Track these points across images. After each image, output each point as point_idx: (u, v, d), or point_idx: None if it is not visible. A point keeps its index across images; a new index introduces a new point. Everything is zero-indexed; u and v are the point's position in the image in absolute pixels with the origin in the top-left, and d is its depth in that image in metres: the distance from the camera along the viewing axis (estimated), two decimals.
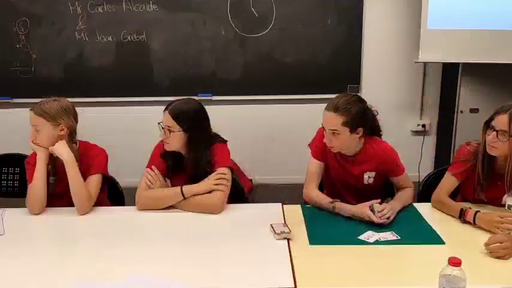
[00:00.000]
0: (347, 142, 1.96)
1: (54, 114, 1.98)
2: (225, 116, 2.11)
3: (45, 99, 2.03)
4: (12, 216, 1.95)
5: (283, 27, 4.00)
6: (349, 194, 2.14)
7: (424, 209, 1.97)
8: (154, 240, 1.75)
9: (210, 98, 4.00)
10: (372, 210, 1.79)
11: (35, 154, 2.05)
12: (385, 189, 2.21)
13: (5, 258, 1.61)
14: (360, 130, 1.94)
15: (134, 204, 2.04)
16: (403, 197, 2.02)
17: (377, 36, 4.08)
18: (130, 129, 4.13)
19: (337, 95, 2.04)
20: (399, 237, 1.68)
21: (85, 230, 1.90)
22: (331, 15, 3.99)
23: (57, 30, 3.98)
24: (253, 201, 2.28)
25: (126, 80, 4.07)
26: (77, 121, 2.06)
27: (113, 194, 2.31)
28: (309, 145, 2.17)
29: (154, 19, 3.98)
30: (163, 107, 2.06)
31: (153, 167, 2.05)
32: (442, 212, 1.91)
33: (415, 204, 2.02)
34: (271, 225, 1.74)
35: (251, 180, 2.66)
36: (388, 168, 2.07)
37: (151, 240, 1.75)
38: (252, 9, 3.96)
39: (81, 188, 1.95)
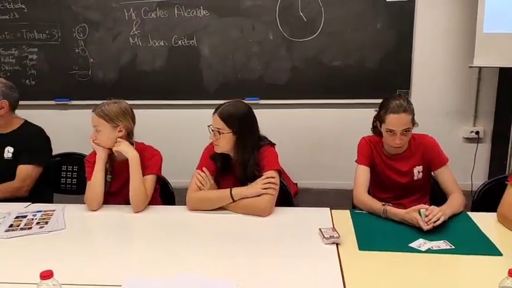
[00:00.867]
0: (409, 138, 2.08)
1: (114, 116, 2.07)
2: (272, 120, 2.13)
3: (106, 101, 2.13)
4: (72, 212, 2.05)
5: (331, 31, 3.99)
6: (395, 195, 2.17)
7: (478, 218, 1.90)
8: (204, 239, 1.79)
9: (257, 101, 4.05)
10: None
11: (94, 153, 2.15)
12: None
13: (66, 251, 1.70)
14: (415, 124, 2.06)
15: (184, 204, 2.10)
16: (453, 203, 1.97)
17: (429, 39, 3.98)
18: (180, 131, 4.26)
19: (387, 97, 2.11)
20: (453, 247, 1.63)
21: (139, 227, 1.97)
22: (381, 18, 3.93)
23: (113, 36, 4.17)
24: (297, 205, 2.29)
25: (176, 84, 4.19)
26: (134, 123, 2.15)
27: (164, 194, 2.39)
28: (356, 161, 2.17)
29: (204, 24, 4.08)
30: (212, 110, 2.11)
31: (203, 168, 2.10)
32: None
33: (470, 214, 1.96)
34: (319, 229, 1.74)
35: (296, 184, 2.67)
36: (432, 157, 2.12)
37: (201, 240, 1.78)
38: (301, 13, 3.98)
39: (141, 186, 2.04)
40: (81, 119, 4.22)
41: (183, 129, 4.24)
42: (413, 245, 1.65)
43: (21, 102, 2.47)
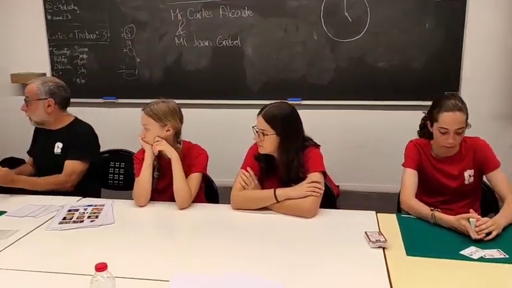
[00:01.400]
0: (462, 139, 2.03)
1: (162, 116, 2.12)
2: (313, 121, 2.12)
3: (155, 100, 2.18)
4: (120, 207, 2.12)
5: (377, 31, 3.92)
6: (444, 199, 2.11)
7: None
8: (247, 238, 1.80)
9: (299, 102, 4.04)
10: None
11: (142, 150, 2.21)
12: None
13: (116, 245, 1.76)
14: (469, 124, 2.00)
15: (228, 203, 2.12)
16: (509, 212, 1.89)
17: (480, 40, 3.84)
18: (223, 130, 4.31)
19: (439, 97, 2.06)
20: (507, 256, 1.57)
21: (184, 224, 2.01)
22: (429, 18, 3.83)
23: (159, 36, 4.27)
24: (338, 208, 2.26)
25: (220, 84, 4.24)
26: (182, 122, 2.20)
27: (208, 192, 2.42)
28: (403, 164, 2.13)
29: (248, 24, 4.11)
30: (255, 110, 2.11)
31: (248, 168, 2.12)
32: None
33: None
34: (365, 232, 1.72)
35: (337, 186, 2.64)
36: (485, 160, 2.05)
37: (244, 239, 1.79)
38: (346, 13, 3.93)
39: (184, 184, 2.08)
40: (128, 117, 4.39)
41: (226, 128, 4.29)
42: (465, 252, 1.60)
43: (71, 100, 2.56)
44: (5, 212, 2.05)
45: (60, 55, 4.45)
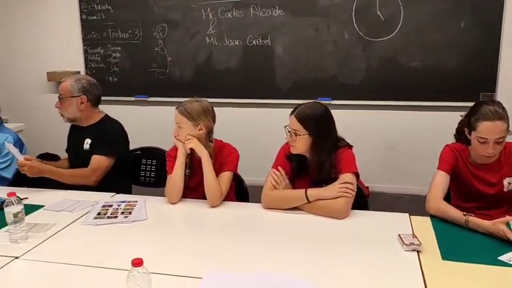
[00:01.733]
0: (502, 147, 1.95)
1: (195, 114, 2.14)
2: (344, 121, 2.10)
3: (189, 99, 2.20)
4: (153, 204, 2.15)
5: (410, 30, 3.85)
6: (480, 205, 2.04)
7: None
8: (278, 238, 1.79)
9: (329, 102, 4.00)
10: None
11: (175, 148, 2.24)
12: None
13: (149, 241, 1.79)
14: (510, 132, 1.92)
15: (257, 202, 2.12)
16: None
17: None
18: (253, 129, 4.32)
19: (478, 102, 1.98)
20: None
21: (215, 222, 2.02)
22: (465, 17, 3.73)
23: (190, 35, 4.31)
24: (368, 209, 2.23)
25: (249, 83, 4.25)
26: (214, 121, 2.21)
27: (238, 191, 2.43)
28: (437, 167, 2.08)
29: (279, 23, 4.10)
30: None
31: (279, 167, 2.11)
32: None
33: None
34: (399, 235, 1.69)
35: (367, 187, 2.61)
36: None
37: (275, 238, 1.79)
38: (378, 12, 3.87)
39: (215, 183, 2.09)
40: (159, 115, 4.46)
41: (256, 127, 4.30)
42: (504, 258, 1.55)
43: (104, 98, 2.62)
44: (43, 206, 2.11)
45: (94, 54, 4.55)
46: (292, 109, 2.08)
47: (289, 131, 2.06)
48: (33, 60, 4.72)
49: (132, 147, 2.83)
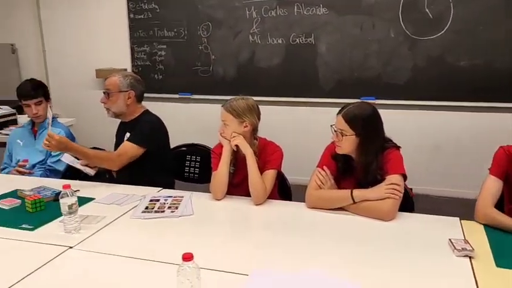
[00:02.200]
0: None
1: (241, 112, 2.15)
2: (388, 121, 2.05)
3: (234, 97, 2.22)
4: (198, 199, 2.18)
5: (459, 29, 3.73)
6: None
7: None
8: (322, 238, 1.78)
9: (373, 101, 3.93)
10: None
11: (220, 145, 2.26)
12: None
13: (196, 236, 1.82)
14: None
15: (300, 201, 2.12)
16: None
17: None
18: (295, 128, 4.30)
19: None
20: None
21: (260, 219, 2.04)
22: None
23: (234, 33, 4.35)
24: (414, 212, 2.18)
25: (292, 81, 4.24)
26: (259, 119, 2.22)
27: (281, 189, 2.43)
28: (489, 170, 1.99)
29: (323, 22, 4.07)
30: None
31: (324, 167, 2.10)
32: None
33: None
34: (449, 240, 1.64)
35: (411, 189, 2.55)
36: None
37: (319, 238, 1.78)
38: (427, 10, 3.77)
39: (259, 180, 2.10)
40: (202, 112, 4.53)
41: (297, 126, 4.29)
42: None
43: (149, 95, 2.67)
44: (93, 198, 2.19)
45: (140, 52, 4.67)
46: (336, 108, 2.05)
47: (335, 131, 2.03)
48: (83, 58, 4.90)
49: (175, 143, 2.89)
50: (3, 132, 3.69)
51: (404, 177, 1.97)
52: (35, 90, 2.77)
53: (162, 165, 2.60)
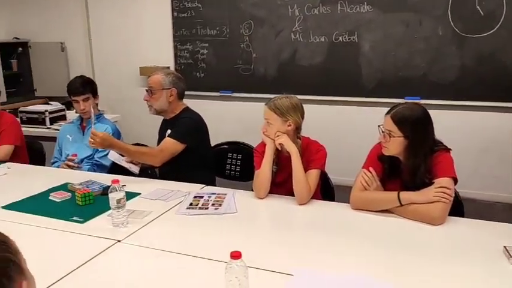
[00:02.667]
0: None
1: (284, 111, 2.14)
2: (433, 122, 1.98)
3: (278, 95, 2.21)
4: (241, 197, 2.19)
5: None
6: None
7: None
8: (367, 240, 1.75)
9: (418, 101, 3.81)
10: None
11: (262, 143, 2.26)
12: None
13: (239, 233, 1.83)
14: None
15: (343, 202, 2.09)
16: None
17: None
18: (335, 127, 4.25)
19: None
20: None
21: (304, 219, 2.02)
22: None
23: (276, 32, 4.33)
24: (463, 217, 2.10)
25: (334, 80, 4.19)
26: (303, 118, 2.20)
27: (324, 189, 2.41)
28: None
29: (367, 20, 3.99)
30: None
31: (370, 168, 2.05)
32: None
33: None
34: (504, 247, 1.57)
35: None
36: None
37: (364, 240, 1.75)
38: (478, 7, 3.63)
39: (304, 180, 2.08)
40: (242, 111, 4.55)
41: (338, 126, 4.23)
42: None
43: (190, 93, 2.70)
44: (139, 193, 2.24)
45: (183, 50, 4.74)
46: (379, 108, 2.02)
47: (382, 131, 1.99)
48: (128, 56, 5.02)
49: (216, 141, 2.91)
50: (53, 127, 3.84)
51: (455, 180, 1.90)
52: (84, 87, 2.86)
53: (203, 162, 2.63)
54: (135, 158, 2.49)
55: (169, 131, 2.58)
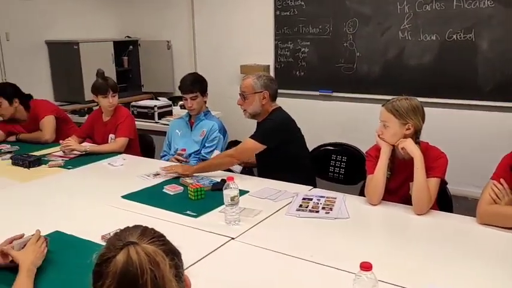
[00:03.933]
0: None
1: (404, 113, 2.01)
2: None
3: (397, 97, 2.08)
4: (351, 202, 2.09)
5: None
6: None
7: None
8: (497, 260, 1.58)
9: None
10: None
11: (375, 147, 2.15)
12: None
13: (355, 241, 1.74)
14: None
15: (462, 214, 1.95)
16: None
17: None
18: (449, 132, 3.94)
19: None
20: None
21: (423, 230, 1.88)
22: None
23: (382, 30, 4.14)
24: None
25: (445, 81, 3.91)
26: (423, 121, 2.06)
27: (440, 199, 2.23)
28: None
29: (487, 16, 3.66)
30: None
31: (501, 180, 1.85)
32: None
33: None
34: None
35: None
36: None
37: (493, 260, 1.58)
38: None
39: (426, 188, 1.94)
40: (341, 111, 4.42)
41: (453, 130, 3.91)
42: None
43: (289, 91, 2.65)
44: (247, 191, 2.24)
45: (284, 48, 4.72)
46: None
47: None
48: (229, 53, 5.12)
49: (313, 141, 2.83)
50: (161, 122, 4.03)
51: None
52: (193, 85, 2.95)
53: (297, 162, 2.58)
54: (218, 169, 2.51)
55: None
